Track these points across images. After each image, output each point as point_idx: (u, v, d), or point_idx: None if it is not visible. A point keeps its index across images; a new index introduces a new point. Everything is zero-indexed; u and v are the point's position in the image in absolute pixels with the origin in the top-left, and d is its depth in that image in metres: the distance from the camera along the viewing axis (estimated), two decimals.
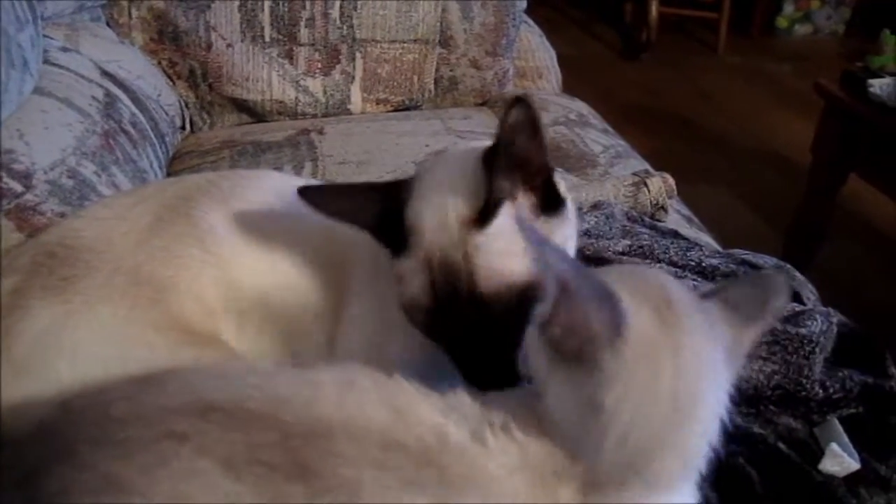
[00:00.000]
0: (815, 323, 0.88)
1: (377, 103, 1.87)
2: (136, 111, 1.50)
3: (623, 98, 3.66)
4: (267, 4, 1.74)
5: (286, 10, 1.75)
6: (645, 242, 1.09)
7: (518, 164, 0.74)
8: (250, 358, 0.85)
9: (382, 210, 0.79)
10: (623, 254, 1.07)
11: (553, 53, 2.05)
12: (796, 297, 1.03)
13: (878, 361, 0.90)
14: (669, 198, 1.36)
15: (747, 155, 3.22)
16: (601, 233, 1.15)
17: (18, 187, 1.07)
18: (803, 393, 0.84)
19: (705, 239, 1.40)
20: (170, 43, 1.73)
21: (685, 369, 0.58)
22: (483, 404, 0.63)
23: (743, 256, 1.12)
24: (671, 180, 1.36)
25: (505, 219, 0.75)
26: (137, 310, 0.82)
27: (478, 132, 1.74)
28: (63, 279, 0.83)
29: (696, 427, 0.59)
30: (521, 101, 0.70)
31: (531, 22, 2.06)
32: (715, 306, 0.63)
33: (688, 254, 1.07)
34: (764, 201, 2.84)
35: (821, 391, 0.84)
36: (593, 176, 1.53)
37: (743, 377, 0.85)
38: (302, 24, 1.77)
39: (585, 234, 1.14)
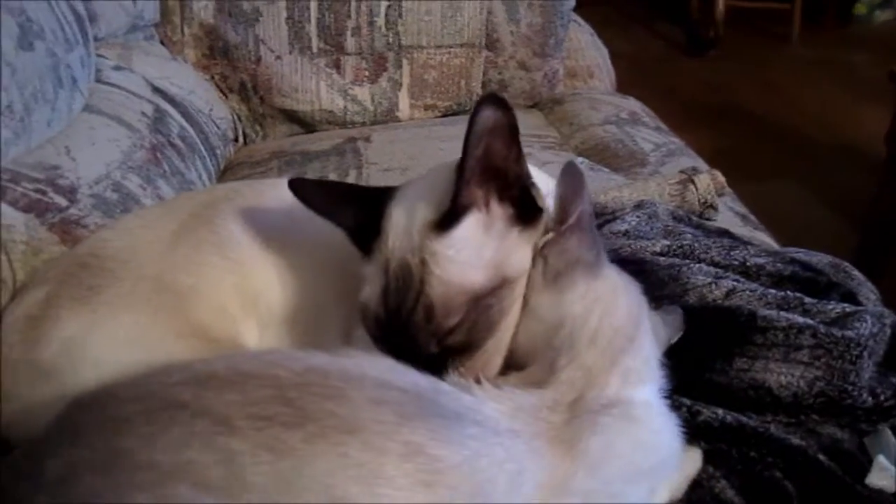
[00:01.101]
0: (863, 325, 0.82)
1: (425, 109, 1.87)
2: (186, 125, 1.54)
3: (687, 95, 3.55)
4: (313, 16, 1.76)
5: (332, 20, 1.77)
6: (685, 242, 1.04)
7: (491, 171, 0.71)
8: None
9: (363, 213, 0.78)
10: (661, 254, 1.02)
11: (605, 52, 2.00)
12: (851, 297, 0.96)
13: None
14: (720, 195, 1.30)
15: (821, 149, 3.07)
16: (641, 233, 1.10)
17: (63, 202, 1.11)
18: (849, 400, 0.78)
19: (761, 238, 1.33)
20: (221, 58, 1.78)
21: (634, 300, 0.75)
22: None
23: (794, 255, 1.06)
24: (721, 177, 1.30)
25: (471, 229, 0.72)
26: (159, 317, 0.84)
27: (525, 134, 1.67)
28: (90, 288, 0.85)
29: (646, 342, 0.72)
30: (495, 101, 0.67)
31: (581, 21, 2.01)
32: None
33: (731, 253, 1.02)
34: (839, 197, 2.70)
35: (870, 398, 0.78)
36: (642, 175, 1.48)
37: (781, 384, 0.79)
38: (348, 33, 1.78)
39: (624, 234, 1.10)
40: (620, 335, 0.71)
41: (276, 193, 0.96)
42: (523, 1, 1.83)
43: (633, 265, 0.97)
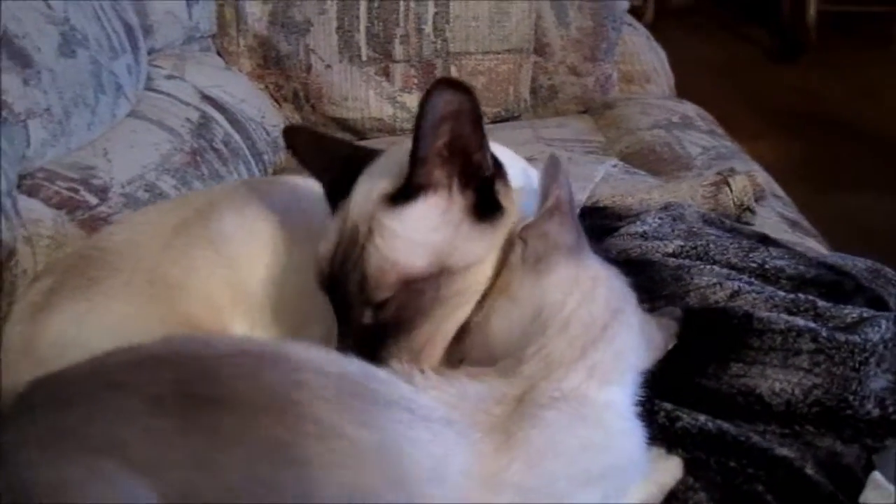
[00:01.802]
0: (875, 330, 0.75)
1: None
2: (232, 131, 1.59)
3: (774, 102, 3.39)
4: (362, 25, 1.79)
5: (381, 28, 1.79)
6: (700, 243, 0.98)
7: (452, 152, 0.69)
8: None
9: (343, 170, 0.78)
10: (673, 255, 0.97)
11: (663, 55, 1.94)
12: (880, 303, 0.88)
13: None
14: (758, 199, 1.23)
15: None
16: (661, 235, 1.05)
17: (94, 200, 1.16)
18: (849, 411, 0.71)
19: (810, 244, 1.25)
20: (274, 67, 1.83)
21: (616, 292, 0.71)
22: None
23: (826, 259, 0.98)
24: (759, 179, 1.23)
25: (425, 210, 0.71)
26: (150, 307, 0.86)
27: (570, 139, 1.68)
28: (90, 279, 0.89)
29: (623, 335, 0.69)
30: (455, 84, 0.66)
31: (636, 24, 1.96)
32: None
33: (750, 255, 0.95)
34: None
35: (876, 410, 0.71)
36: (685, 179, 1.42)
37: (774, 391, 0.73)
38: (396, 41, 1.80)
39: (642, 235, 1.05)
40: (594, 325, 0.68)
41: (272, 189, 0.97)
42: (573, 4, 1.80)
43: (639, 265, 0.93)
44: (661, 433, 0.71)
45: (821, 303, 0.82)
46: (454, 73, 1.82)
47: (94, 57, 1.28)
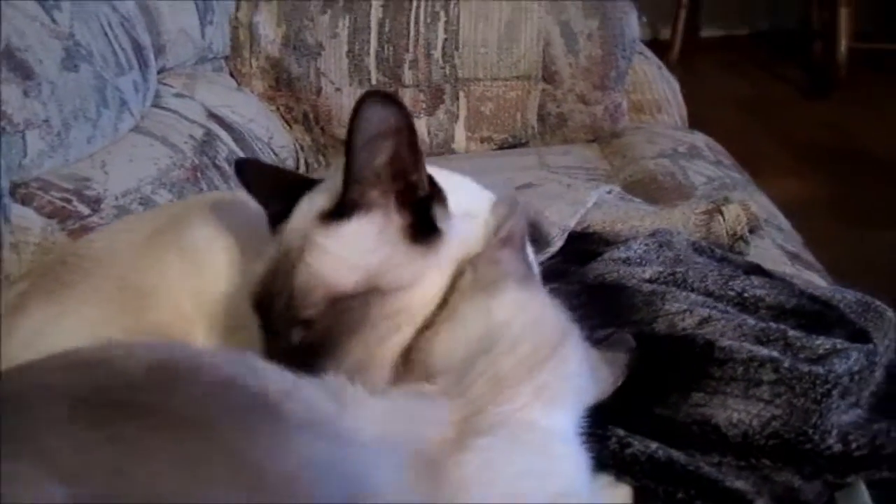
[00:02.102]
0: (842, 362, 0.72)
1: (481, 142, 1.86)
2: (237, 149, 1.61)
3: (805, 138, 3.34)
4: (373, 49, 1.81)
5: (391, 53, 1.81)
6: (679, 269, 0.96)
7: (388, 171, 0.69)
8: None
9: (288, 198, 0.78)
10: (650, 281, 0.95)
11: (675, 85, 1.92)
12: (863, 336, 0.85)
13: None
14: (752, 229, 1.20)
15: None
16: (643, 260, 1.03)
17: (86, 210, 1.18)
18: (808, 445, 0.67)
19: (809, 277, 1.21)
20: (285, 89, 1.85)
21: (562, 320, 0.71)
22: None
23: (812, 291, 0.95)
24: (754, 208, 1.20)
25: (359, 228, 0.71)
26: (119, 314, 0.87)
27: (573, 166, 1.66)
28: (63, 284, 0.90)
29: (570, 360, 0.68)
30: (387, 98, 0.65)
31: (648, 53, 1.95)
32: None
33: (729, 283, 0.93)
34: None
35: (839, 445, 0.68)
36: (678, 206, 1.39)
37: (731, 421, 0.71)
38: (406, 66, 1.81)
39: (624, 261, 1.03)
40: (543, 346, 0.67)
41: (247, 205, 0.98)
42: (583, 32, 1.79)
43: (613, 290, 0.92)
44: (612, 459, 0.68)
45: (792, 332, 0.79)
46: (462, 98, 1.83)
47: (99, 72, 1.31)
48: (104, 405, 0.56)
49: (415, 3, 1.81)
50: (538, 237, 1.11)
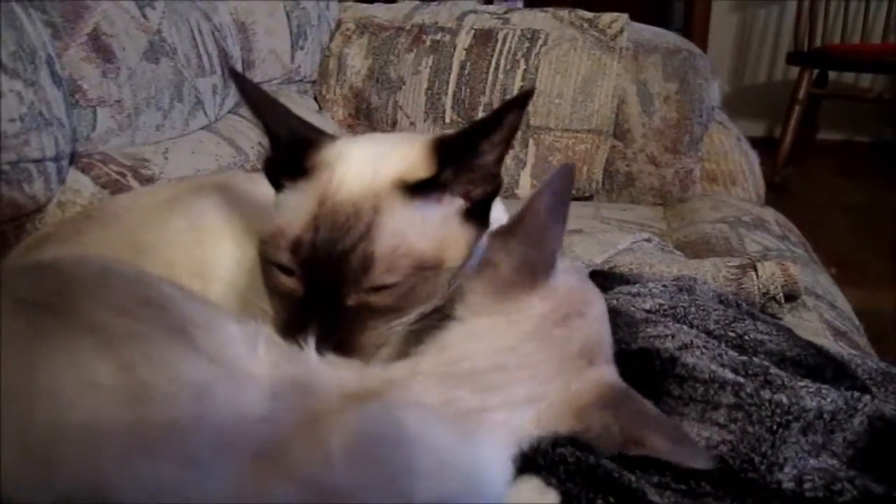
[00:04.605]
0: (814, 398, 0.65)
1: None
2: None
3: None
4: (451, 89, 1.86)
5: (468, 94, 1.85)
6: (682, 304, 0.91)
7: (473, 166, 0.73)
8: None
9: (292, 135, 0.78)
10: (650, 311, 0.90)
11: (754, 159, 1.86)
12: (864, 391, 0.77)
13: None
14: (790, 295, 1.12)
15: None
16: (651, 295, 0.98)
17: (137, 186, 1.26)
18: (752, 474, 0.61)
19: (844, 351, 1.12)
20: (363, 118, 1.93)
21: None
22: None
23: (824, 347, 0.87)
24: (792, 270, 1.13)
25: (443, 204, 0.73)
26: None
27: (629, 221, 1.63)
28: (78, 232, 0.95)
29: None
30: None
31: (728, 123, 1.90)
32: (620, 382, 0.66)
33: (732, 325, 0.87)
34: None
35: (790, 483, 0.61)
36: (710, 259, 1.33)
37: None
38: (480, 108, 1.85)
39: (633, 295, 0.99)
40: (497, 373, 0.64)
41: (263, 182, 1.01)
42: (660, 94, 1.78)
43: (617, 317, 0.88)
44: (543, 458, 0.64)
45: (773, 370, 0.73)
46: (532, 146, 1.84)
47: (179, 69, 1.41)
48: (40, 304, 0.59)
49: (497, 50, 1.86)
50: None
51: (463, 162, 0.74)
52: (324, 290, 0.72)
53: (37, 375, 0.54)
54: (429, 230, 0.73)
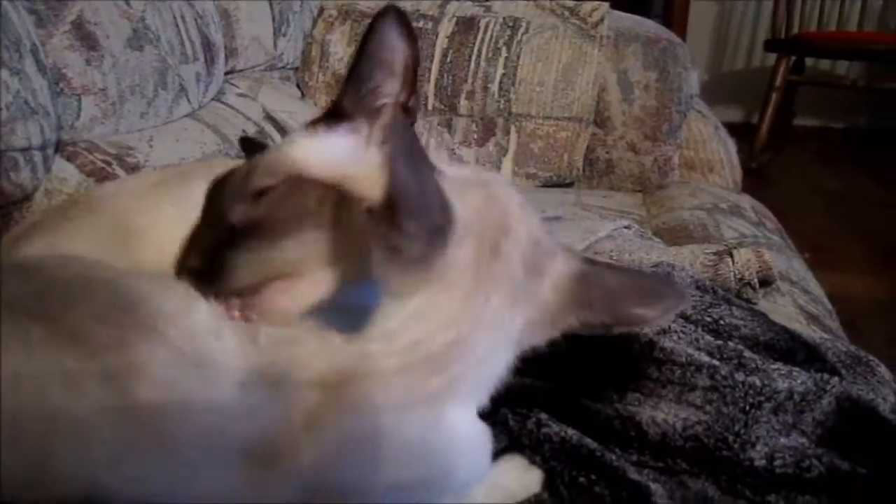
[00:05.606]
0: (784, 380, 0.68)
1: (526, 177, 1.88)
2: None
3: (891, 239, 3.21)
4: (433, 77, 1.88)
5: (450, 82, 1.87)
6: None
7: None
8: None
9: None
10: None
11: (731, 147, 1.89)
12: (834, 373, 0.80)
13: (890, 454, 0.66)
14: (765, 280, 1.16)
15: None
16: None
17: (123, 174, 1.26)
18: (726, 452, 0.64)
19: (816, 335, 1.15)
20: None
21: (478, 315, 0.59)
22: None
23: (796, 331, 0.91)
24: (767, 257, 1.16)
25: (344, 136, 0.68)
26: (104, 249, 0.92)
27: (609, 208, 1.66)
28: (66, 218, 0.96)
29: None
30: (409, 26, 0.65)
31: (707, 112, 1.93)
32: (574, 268, 0.62)
33: (708, 310, 0.90)
34: None
35: (762, 461, 0.64)
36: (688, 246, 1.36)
37: (654, 420, 0.68)
38: (462, 96, 1.87)
39: None
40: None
41: None
42: (639, 83, 1.81)
43: None
44: (528, 438, 0.67)
45: (747, 353, 0.76)
46: (513, 133, 1.87)
47: (163, 56, 1.42)
48: (27, 309, 0.59)
49: (479, 38, 1.87)
50: None
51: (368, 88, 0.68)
52: (214, 213, 0.72)
53: (23, 382, 0.55)
54: (326, 155, 0.68)
